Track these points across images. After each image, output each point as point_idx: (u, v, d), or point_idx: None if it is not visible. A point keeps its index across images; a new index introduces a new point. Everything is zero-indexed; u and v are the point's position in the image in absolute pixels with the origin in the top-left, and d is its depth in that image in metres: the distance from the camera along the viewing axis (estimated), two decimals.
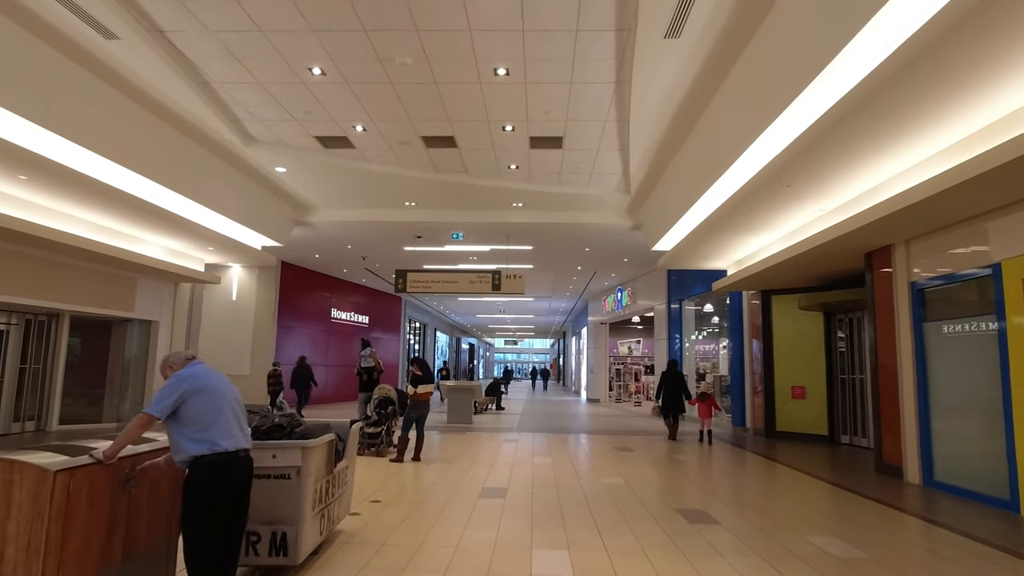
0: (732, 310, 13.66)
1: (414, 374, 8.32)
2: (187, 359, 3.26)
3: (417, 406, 8.28)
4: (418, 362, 8.48)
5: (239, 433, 3.16)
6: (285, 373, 15.60)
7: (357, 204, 12.52)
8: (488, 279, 13.69)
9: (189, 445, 2.96)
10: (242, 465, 3.14)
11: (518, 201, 12.08)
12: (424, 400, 8.34)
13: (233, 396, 3.28)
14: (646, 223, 12.40)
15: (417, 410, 8.29)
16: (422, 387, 8.23)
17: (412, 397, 8.25)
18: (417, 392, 8.21)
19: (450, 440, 10.81)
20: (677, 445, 10.71)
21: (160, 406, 2.95)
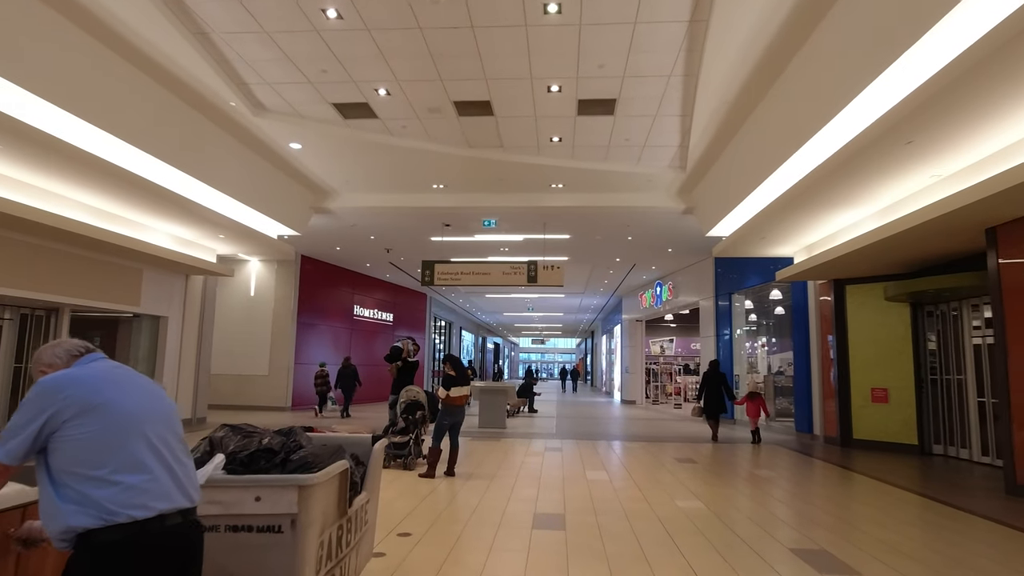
0: (795, 303, 12.24)
1: (446, 374, 7.16)
2: (74, 355, 1.85)
3: (450, 412, 7.12)
4: (452, 360, 7.31)
5: (168, 482, 1.73)
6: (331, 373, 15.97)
7: (381, 188, 11.42)
8: (523, 270, 12.50)
9: (68, 510, 1.59)
10: (175, 541, 1.73)
11: (558, 182, 10.85)
12: (459, 405, 7.17)
13: (161, 418, 1.82)
14: (701, 205, 11.06)
15: (450, 416, 7.12)
16: (456, 390, 7.06)
17: (444, 401, 7.08)
18: (450, 396, 7.04)
19: (485, 448, 9.63)
20: (731, 449, 9.38)
21: (9, 445, 1.61)
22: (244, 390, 16.08)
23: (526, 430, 12.67)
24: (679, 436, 12.06)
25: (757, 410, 10.94)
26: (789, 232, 9.44)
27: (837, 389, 10.55)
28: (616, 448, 9.96)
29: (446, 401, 7.05)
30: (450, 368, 7.19)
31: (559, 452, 9.32)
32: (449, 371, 7.17)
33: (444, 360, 7.34)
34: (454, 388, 7.04)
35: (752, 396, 11.18)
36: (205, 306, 12.31)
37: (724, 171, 9.55)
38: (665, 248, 15.09)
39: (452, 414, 7.10)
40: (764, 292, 16.37)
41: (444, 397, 7.04)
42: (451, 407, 7.08)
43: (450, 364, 7.22)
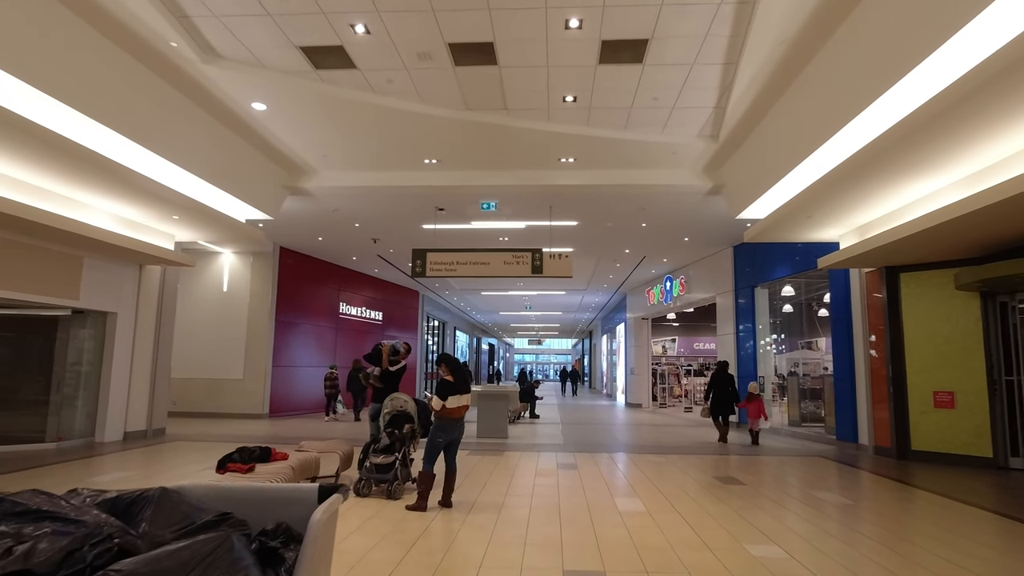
0: (835, 294, 10.85)
1: (442, 380, 5.69)
2: None
3: (446, 427, 5.64)
4: (448, 361, 5.83)
5: None
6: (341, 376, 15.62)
7: (365, 163, 9.94)
8: (526, 259, 11.05)
9: None
10: None
11: (568, 155, 9.41)
12: (457, 419, 5.70)
13: None
14: (731, 184, 9.66)
15: (446, 432, 5.65)
16: (453, 400, 5.58)
17: (439, 414, 5.60)
18: (447, 407, 5.56)
19: (487, 465, 8.16)
20: (770, 463, 7.96)
21: None
22: (216, 396, 14.54)
23: (531, 440, 11.21)
24: (704, 447, 10.65)
25: (757, 412, 10.93)
26: (844, 210, 8.03)
27: (891, 392, 9.17)
28: (639, 463, 8.52)
29: (441, 414, 5.58)
30: (447, 371, 5.72)
31: (574, 470, 7.86)
32: (446, 375, 5.70)
33: (438, 361, 5.85)
34: (451, 397, 5.57)
35: (751, 398, 11.12)
36: (164, 301, 10.78)
37: (765, 140, 8.15)
38: (681, 237, 13.69)
39: (448, 429, 5.63)
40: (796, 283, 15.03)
41: (439, 409, 5.56)
42: (447, 421, 5.61)
43: (446, 366, 5.75)
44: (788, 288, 14.24)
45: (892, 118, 5.72)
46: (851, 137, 6.50)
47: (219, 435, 11.08)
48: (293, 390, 15.79)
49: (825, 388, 12.68)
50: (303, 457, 5.59)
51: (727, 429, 11.28)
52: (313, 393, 16.67)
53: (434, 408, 5.56)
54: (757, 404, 11.07)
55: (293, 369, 15.83)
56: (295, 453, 5.77)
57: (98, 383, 9.54)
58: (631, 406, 21.62)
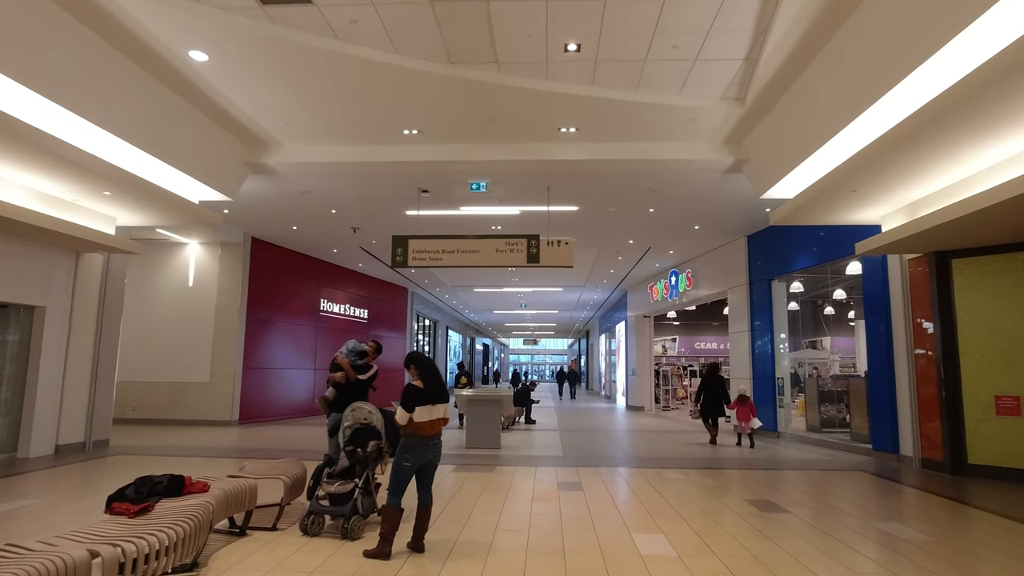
0: (868, 286, 9.62)
1: (409, 387, 4.39)
2: None
3: (416, 447, 4.33)
4: (417, 362, 4.51)
5: None
6: None
7: (335, 134, 8.64)
8: (521, 247, 9.76)
9: None
10: None
11: (570, 123, 8.14)
12: (431, 435, 4.40)
13: None
14: (757, 157, 8.41)
15: (416, 454, 4.34)
16: (424, 411, 4.29)
17: (407, 430, 4.31)
18: (415, 421, 4.27)
19: (474, 484, 6.88)
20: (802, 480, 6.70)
21: None
22: (181, 401, 13.20)
23: (527, 451, 9.93)
24: (724, 459, 9.40)
25: (747, 414, 10.91)
26: (897, 182, 6.78)
27: (943, 397, 7.93)
28: (654, 481, 7.25)
29: (409, 430, 4.29)
30: (415, 374, 4.43)
31: (578, 491, 6.58)
32: (414, 379, 4.42)
33: (406, 363, 4.55)
34: (421, 408, 4.28)
35: (742, 400, 11.08)
36: (107, 294, 9.45)
37: (804, 100, 6.90)
38: (691, 225, 12.44)
39: (419, 450, 4.33)
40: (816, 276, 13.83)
41: (405, 423, 4.27)
42: (417, 439, 4.32)
43: (415, 368, 4.46)
44: (796, 284, 13.06)
45: (968, 64, 4.56)
46: (914, 91, 5.31)
47: (173, 447, 9.76)
48: (267, 394, 14.46)
49: (851, 391, 11.48)
50: (232, 488, 4.30)
51: (716, 431, 11.31)
52: (291, 397, 15.34)
53: (399, 423, 4.27)
54: (747, 407, 11.02)
55: (267, 371, 14.50)
56: (224, 481, 4.47)
57: (22, 388, 8.21)
58: (632, 409, 20.37)
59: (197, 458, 8.62)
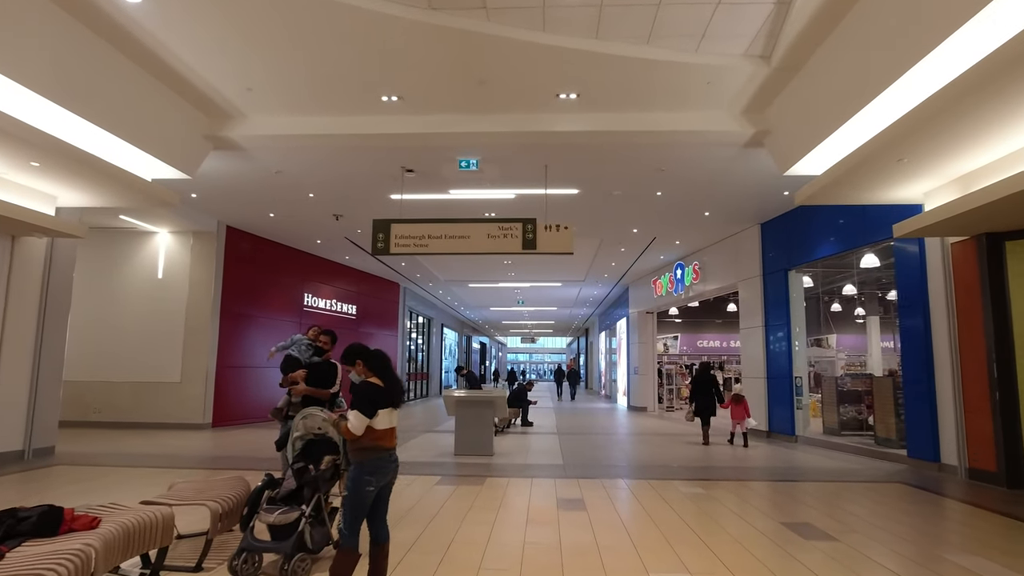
0: (902, 274, 8.65)
1: (363, 384, 3.40)
2: None
3: (375, 465, 3.31)
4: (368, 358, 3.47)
5: None
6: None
7: (302, 102, 7.63)
8: (516, 232, 8.78)
9: None
10: None
11: (570, 88, 7.14)
12: (388, 449, 3.39)
13: None
14: (781, 127, 7.43)
15: (378, 473, 3.31)
16: (384, 416, 3.31)
17: (358, 445, 3.30)
18: (375, 428, 3.28)
19: (460, 503, 5.89)
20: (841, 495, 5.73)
21: None
22: (148, 402, 12.19)
23: (522, 459, 8.94)
24: (742, 467, 8.43)
25: (742, 414, 10.86)
26: (951, 150, 5.82)
27: (996, 399, 6.96)
28: (669, 497, 6.26)
29: (367, 442, 3.29)
30: (365, 370, 3.45)
31: (582, 511, 5.59)
32: (366, 376, 3.44)
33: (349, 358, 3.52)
34: (383, 413, 3.29)
35: (737, 399, 11.04)
36: (51, 283, 8.44)
37: (840, 57, 5.92)
38: (701, 211, 11.46)
39: (380, 468, 3.33)
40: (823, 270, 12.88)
41: (360, 435, 3.27)
42: (375, 454, 3.32)
43: (366, 363, 3.47)
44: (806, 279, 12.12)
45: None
46: (980, 36, 4.38)
47: (131, 454, 8.77)
48: (245, 395, 13.45)
49: (876, 391, 10.54)
50: (134, 522, 3.30)
51: (707, 430, 11.13)
52: (270, 398, 14.26)
53: (348, 433, 3.28)
54: (741, 406, 10.92)
55: (245, 370, 13.50)
56: (127, 511, 3.47)
57: None
58: (635, 410, 19.41)
59: (154, 468, 7.63)
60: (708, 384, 11.30)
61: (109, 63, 6.31)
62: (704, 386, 11.31)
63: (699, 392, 11.34)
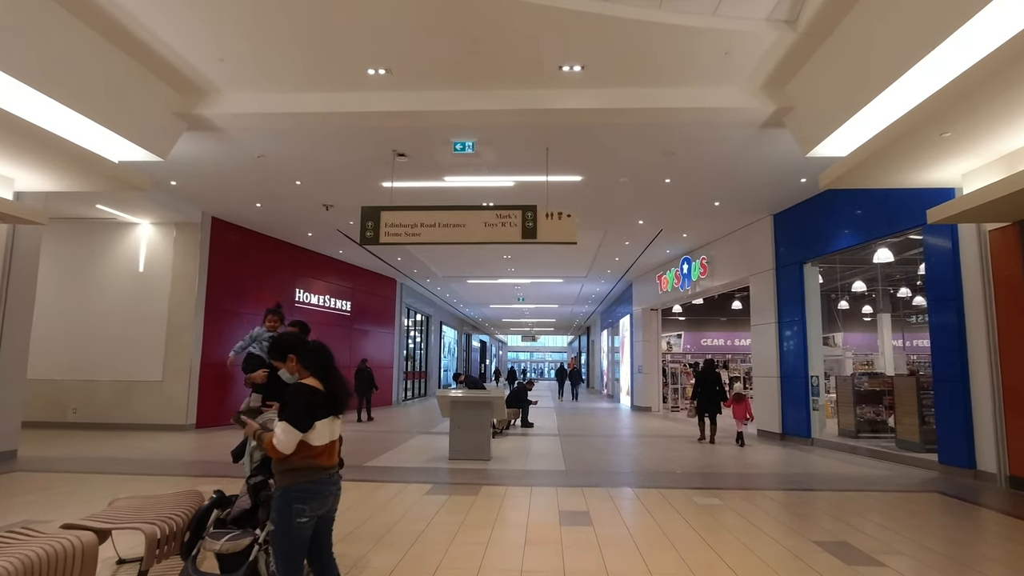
0: (934, 266, 8.01)
1: (296, 388, 2.74)
2: None
3: (312, 490, 2.64)
4: (299, 349, 2.91)
5: None
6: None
7: (281, 76, 6.98)
8: (515, 220, 8.15)
9: None
10: None
11: (574, 59, 6.50)
12: (327, 468, 2.72)
13: None
14: (805, 103, 6.80)
15: (315, 500, 2.63)
16: (323, 427, 2.68)
17: (290, 463, 2.65)
18: (310, 444, 2.64)
19: (449, 519, 5.26)
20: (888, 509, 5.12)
21: None
22: (128, 402, 11.58)
23: (521, 464, 8.32)
24: (759, 474, 7.80)
25: (743, 413, 10.82)
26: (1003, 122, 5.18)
27: None
28: (683, 509, 5.64)
29: (299, 461, 2.64)
30: (298, 367, 2.83)
31: (587, 527, 4.96)
32: (299, 374, 2.84)
33: (278, 351, 2.95)
34: (321, 424, 2.67)
35: (738, 398, 11.01)
36: (11, 274, 7.83)
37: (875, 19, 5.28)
38: (711, 201, 10.82)
39: (318, 494, 2.68)
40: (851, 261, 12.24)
41: (290, 452, 2.60)
42: (306, 477, 2.64)
43: (301, 360, 2.82)
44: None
45: None
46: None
47: (102, 458, 8.17)
48: (231, 395, 12.82)
49: (897, 391, 9.91)
50: (36, 555, 2.67)
51: (714, 429, 10.99)
52: None
53: (273, 450, 2.62)
54: (743, 406, 10.87)
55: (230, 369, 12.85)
56: (36, 539, 2.85)
57: None
58: (639, 410, 18.78)
59: (123, 474, 7.01)
60: (713, 382, 11.15)
61: (67, 32, 5.69)
62: (708, 384, 11.18)
63: (703, 390, 11.21)
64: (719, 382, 11.27)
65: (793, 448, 10.23)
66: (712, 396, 11.10)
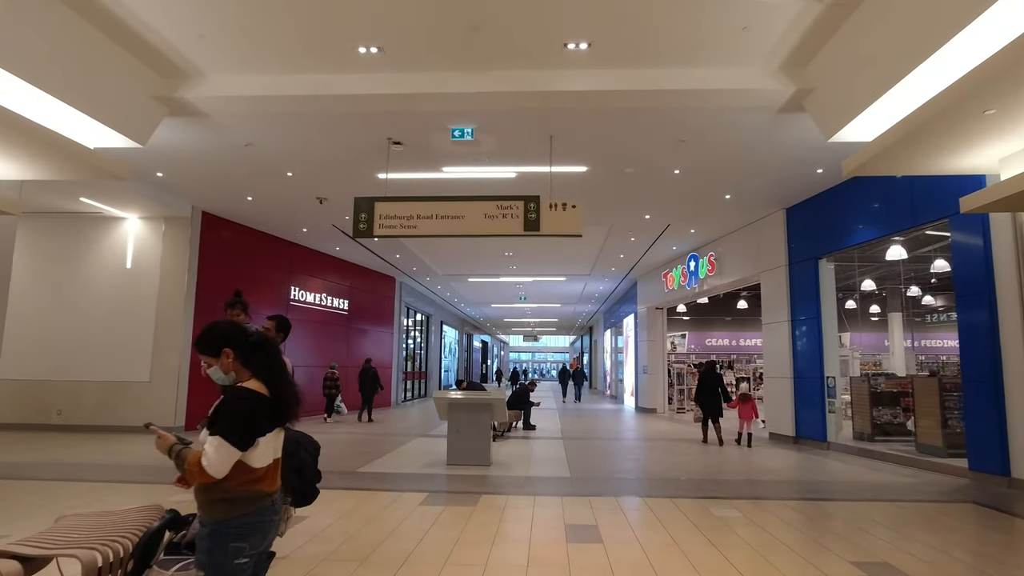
0: (964, 260, 7.53)
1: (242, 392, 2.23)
2: None
3: (253, 522, 2.16)
4: (237, 342, 2.34)
5: None
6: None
7: (267, 56, 6.50)
8: (517, 211, 7.70)
9: None
10: None
11: (580, 35, 6.03)
12: (268, 495, 2.23)
13: None
14: (828, 83, 6.32)
15: (256, 535, 2.17)
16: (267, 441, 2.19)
17: (229, 488, 2.12)
18: (251, 467, 2.15)
19: (443, 535, 4.79)
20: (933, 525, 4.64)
21: None
22: (115, 404, 11.14)
23: (523, 470, 7.84)
24: (774, 479, 7.32)
25: (749, 413, 10.66)
26: None
27: None
28: (700, 522, 5.16)
29: (227, 494, 2.13)
30: (233, 365, 2.34)
31: (597, 544, 4.49)
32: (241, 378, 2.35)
33: (210, 343, 2.37)
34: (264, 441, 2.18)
35: (744, 399, 10.88)
36: None
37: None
38: (722, 193, 10.35)
39: (250, 531, 2.16)
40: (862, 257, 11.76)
41: (221, 477, 2.09)
42: (244, 509, 2.14)
43: (235, 356, 2.33)
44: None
45: None
46: None
47: (76, 464, 7.70)
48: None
49: (917, 392, 9.44)
50: None
51: (719, 430, 10.73)
52: None
53: (200, 475, 2.09)
54: (749, 406, 10.72)
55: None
56: None
57: None
58: (643, 411, 18.31)
59: (94, 482, 6.56)
60: (715, 383, 11.03)
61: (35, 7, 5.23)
62: (711, 386, 11.05)
63: (705, 392, 11.07)
64: (721, 384, 11.11)
65: (808, 452, 9.75)
66: (714, 398, 10.90)
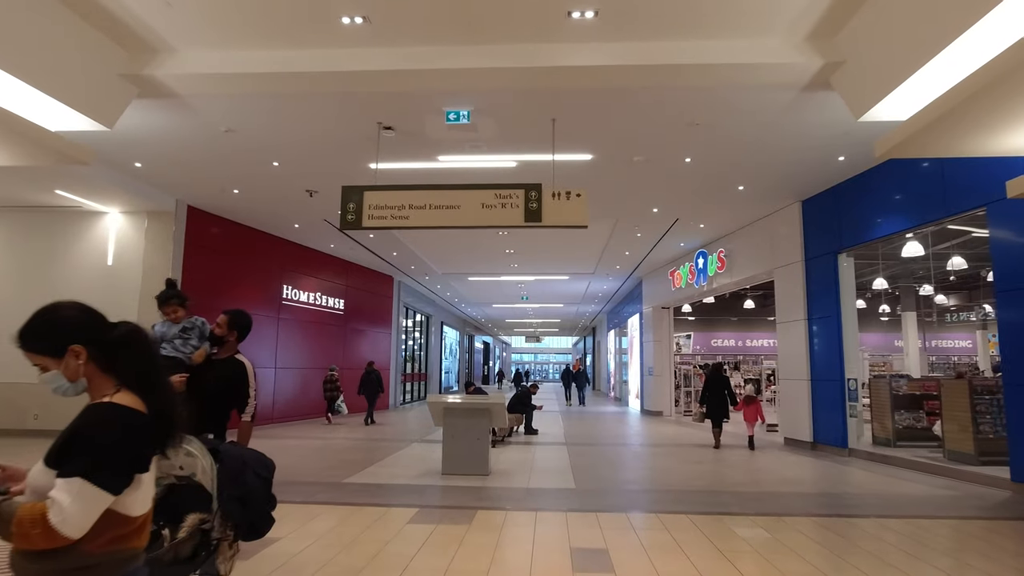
0: (1005, 253, 6.91)
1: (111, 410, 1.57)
2: None
3: None
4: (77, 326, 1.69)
5: None
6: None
7: (241, 27, 5.92)
8: (518, 200, 7.13)
9: None
10: None
11: (586, 1, 5.44)
12: (131, 555, 1.53)
13: None
14: (859, 56, 5.72)
15: None
16: (148, 480, 1.57)
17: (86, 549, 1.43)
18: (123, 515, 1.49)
19: (431, 561, 4.20)
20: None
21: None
22: None
23: (524, 480, 7.24)
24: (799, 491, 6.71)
25: (754, 416, 10.69)
26: None
27: None
28: (722, 543, 4.56)
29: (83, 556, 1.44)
30: (86, 366, 1.67)
31: (607, 573, 3.89)
32: (85, 380, 1.72)
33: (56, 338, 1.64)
34: (146, 480, 1.56)
35: (749, 401, 10.94)
36: None
37: None
38: (735, 184, 9.75)
39: None
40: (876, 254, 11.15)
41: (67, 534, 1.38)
42: (117, 569, 1.49)
43: (89, 356, 1.64)
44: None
45: None
46: None
47: None
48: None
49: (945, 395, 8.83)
50: None
51: (719, 432, 10.65)
52: None
53: (48, 535, 1.37)
54: (754, 408, 10.75)
55: None
56: None
57: None
58: (649, 414, 17.69)
59: None
60: (721, 385, 10.82)
61: None
62: (716, 388, 10.85)
63: (711, 394, 10.87)
64: (727, 386, 10.89)
65: (829, 459, 9.13)
66: (721, 401, 10.68)
